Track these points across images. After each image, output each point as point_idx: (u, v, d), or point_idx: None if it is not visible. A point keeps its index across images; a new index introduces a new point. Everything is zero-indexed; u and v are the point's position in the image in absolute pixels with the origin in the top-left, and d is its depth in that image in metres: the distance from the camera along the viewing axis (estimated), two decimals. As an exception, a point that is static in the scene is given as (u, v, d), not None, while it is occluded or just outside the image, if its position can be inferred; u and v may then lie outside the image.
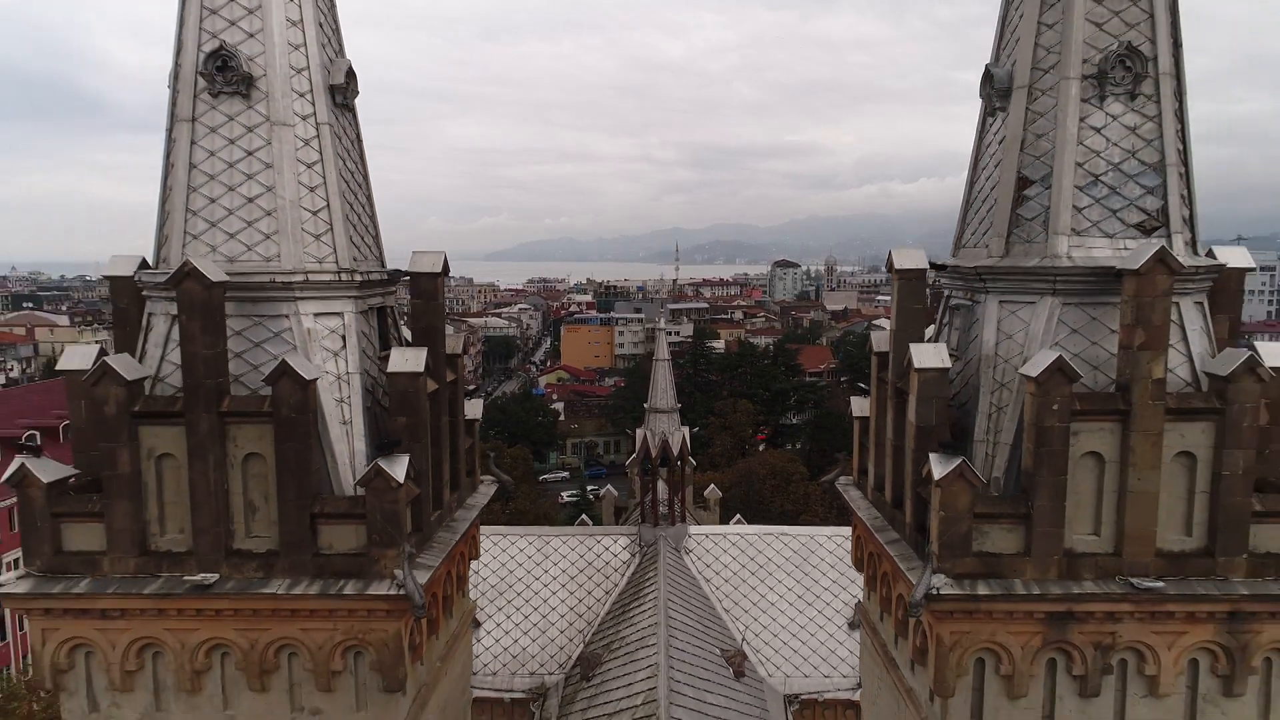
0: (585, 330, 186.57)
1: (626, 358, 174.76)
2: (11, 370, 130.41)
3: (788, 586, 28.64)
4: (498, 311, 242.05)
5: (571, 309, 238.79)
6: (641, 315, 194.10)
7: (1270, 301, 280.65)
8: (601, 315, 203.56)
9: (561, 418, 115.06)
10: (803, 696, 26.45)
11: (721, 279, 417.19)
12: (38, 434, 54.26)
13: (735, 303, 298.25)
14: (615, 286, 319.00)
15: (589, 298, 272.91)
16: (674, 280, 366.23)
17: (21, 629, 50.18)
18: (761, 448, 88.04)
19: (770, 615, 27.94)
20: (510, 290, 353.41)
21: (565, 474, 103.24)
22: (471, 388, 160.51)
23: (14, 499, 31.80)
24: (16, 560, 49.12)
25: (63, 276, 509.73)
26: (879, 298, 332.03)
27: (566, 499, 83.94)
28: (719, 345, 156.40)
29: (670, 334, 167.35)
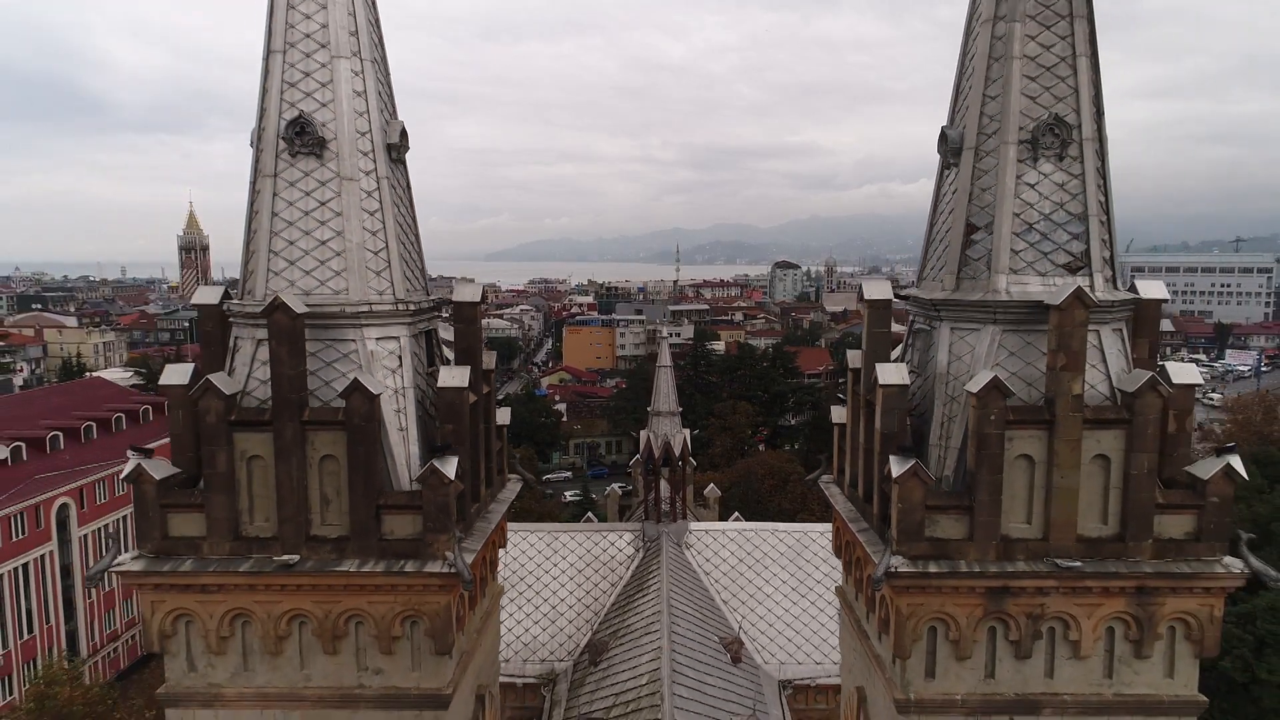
0: (587, 331, 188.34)
1: (628, 359, 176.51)
2: (21, 371, 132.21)
3: (782, 579, 30.60)
4: (499, 312, 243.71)
5: (573, 310, 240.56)
6: (643, 317, 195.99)
7: (1267, 303, 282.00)
8: (603, 317, 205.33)
9: (564, 418, 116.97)
10: (796, 681, 28.42)
11: (722, 280, 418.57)
12: (60, 434, 56.29)
13: (735, 304, 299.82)
14: (616, 288, 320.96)
15: (590, 299, 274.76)
16: (675, 281, 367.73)
17: (48, 622, 52.15)
18: (761, 448, 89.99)
19: (766, 606, 29.89)
20: (511, 291, 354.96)
21: (568, 474, 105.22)
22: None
23: (14, 507, 33.99)
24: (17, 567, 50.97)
25: (65, 277, 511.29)
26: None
27: (569, 498, 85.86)
28: (719, 346, 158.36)
29: (671, 335, 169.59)
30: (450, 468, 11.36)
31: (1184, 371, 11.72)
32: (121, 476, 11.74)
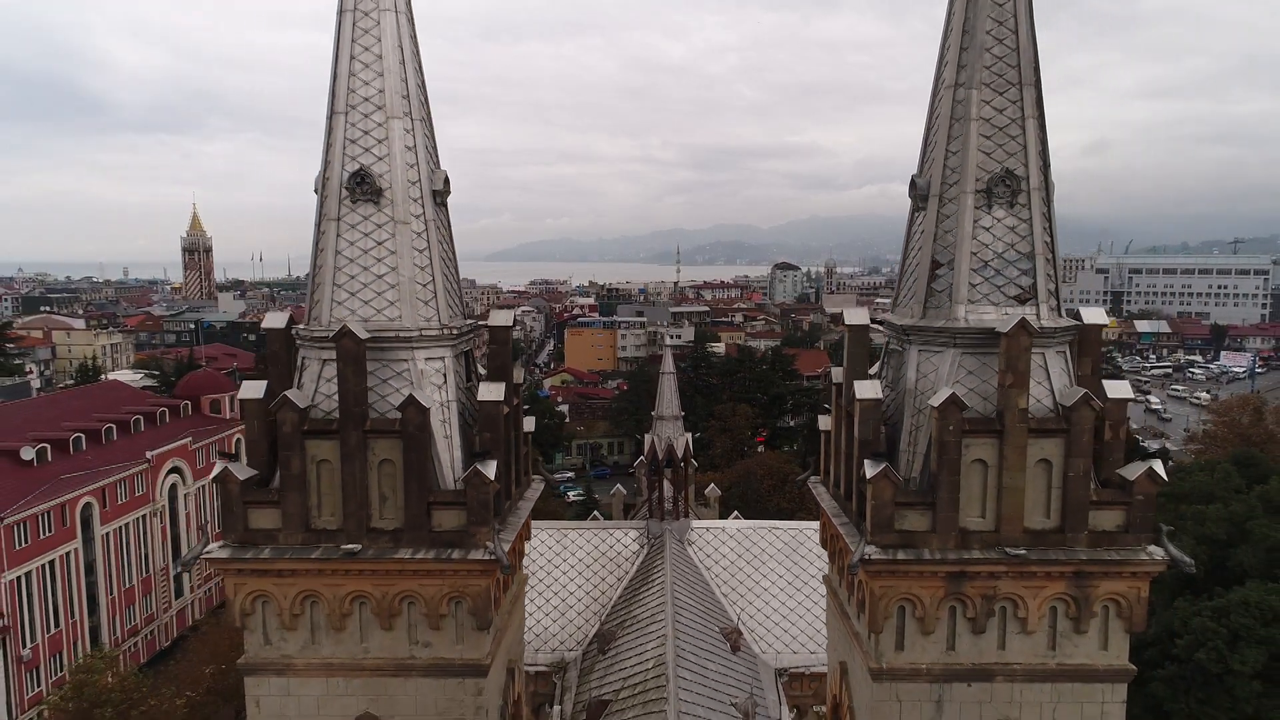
0: (588, 333, 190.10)
1: (629, 360, 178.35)
2: (31, 373, 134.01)
3: (779, 574, 32.53)
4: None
5: (574, 312, 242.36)
6: (644, 319, 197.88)
7: (1264, 305, 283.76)
8: (604, 319, 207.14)
9: (567, 419, 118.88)
10: (791, 670, 30.36)
11: (722, 281, 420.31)
12: (82, 436, 58.24)
13: (736, 305, 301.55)
14: (617, 289, 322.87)
15: (591, 300, 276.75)
16: (675, 283, 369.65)
17: (72, 617, 54.12)
18: (760, 449, 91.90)
19: (763, 599, 31.82)
20: (513, 292, 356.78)
21: (570, 474, 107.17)
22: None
23: (41, 506, 36.46)
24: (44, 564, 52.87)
25: (68, 278, 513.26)
26: (877, 300, 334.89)
27: (573, 498, 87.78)
28: (719, 348, 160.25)
29: (672, 337, 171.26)
30: (490, 470, 13.35)
31: (1118, 388, 13.71)
32: (210, 477, 13.67)
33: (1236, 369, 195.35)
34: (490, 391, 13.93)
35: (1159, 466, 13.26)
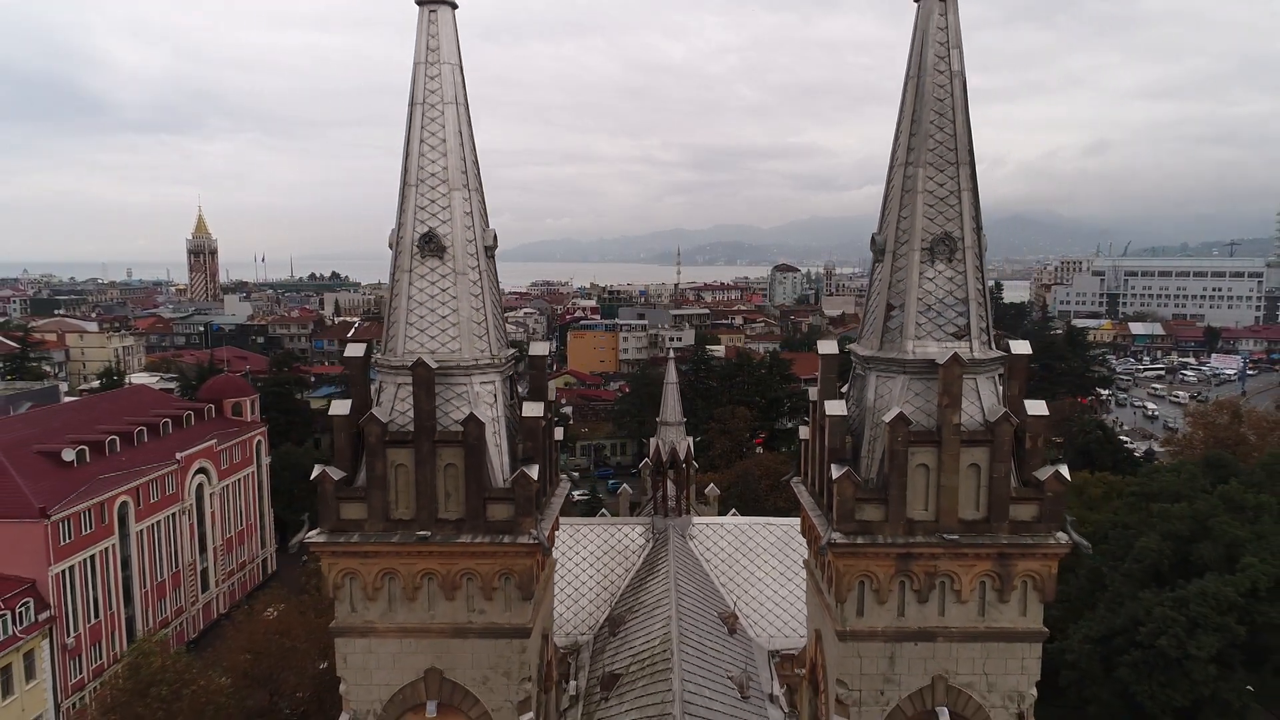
0: (590, 336, 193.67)
1: (630, 363, 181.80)
2: (54, 376, 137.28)
3: (772, 565, 35.94)
4: (505, 316, 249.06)
5: (576, 314, 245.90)
6: (645, 322, 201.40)
7: (1258, 307, 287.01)
8: (606, 321, 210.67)
9: (570, 421, 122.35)
10: (783, 651, 33.75)
11: (722, 283, 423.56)
12: (117, 438, 61.69)
13: (735, 307, 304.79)
14: (618, 291, 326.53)
15: (593, 303, 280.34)
16: (676, 285, 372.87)
17: (110, 609, 57.52)
18: (759, 450, 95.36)
19: (758, 588, 35.24)
20: (515, 293, 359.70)
21: (575, 474, 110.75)
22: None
23: (82, 505, 40.77)
24: (86, 559, 56.18)
25: (73, 279, 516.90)
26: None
27: (578, 497, 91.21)
28: (719, 350, 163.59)
29: (673, 340, 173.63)
30: (533, 472, 16.80)
31: (1036, 406, 17.13)
32: (311, 478, 17.07)
33: (1228, 371, 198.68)
34: (533, 409, 17.40)
35: (1064, 470, 16.68)
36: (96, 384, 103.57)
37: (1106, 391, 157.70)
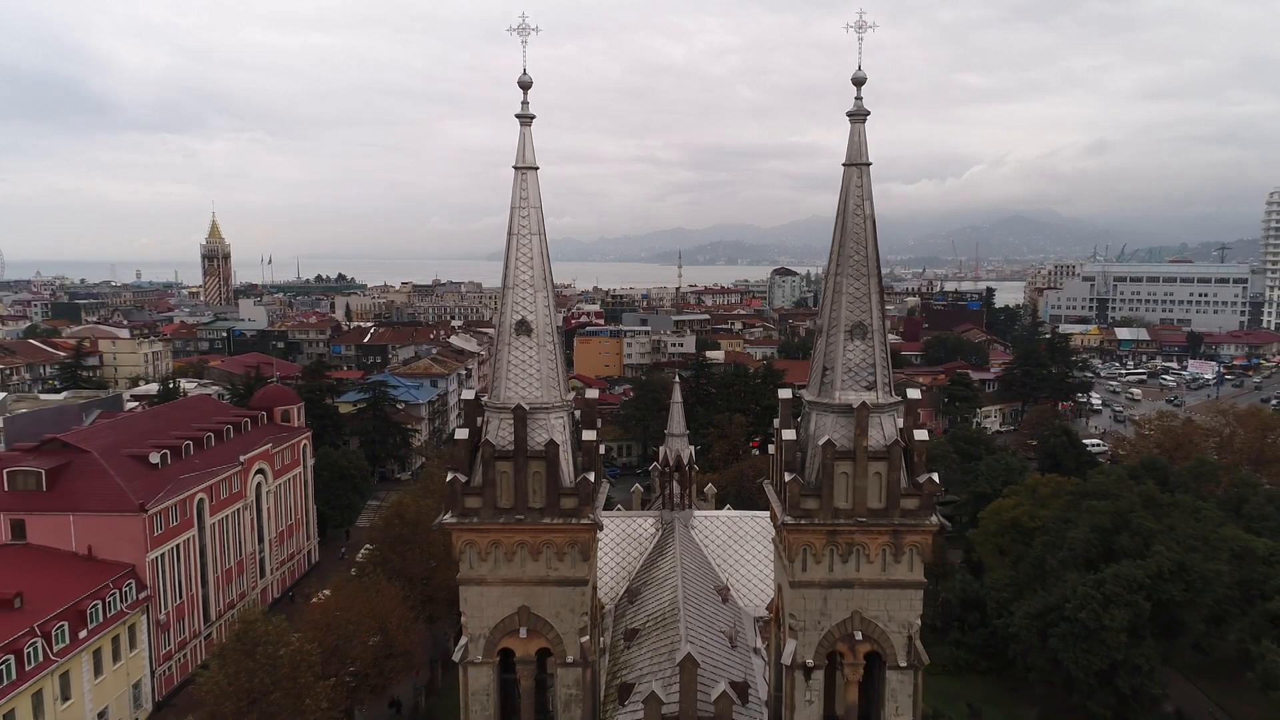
0: (596, 342, 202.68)
1: (634, 367, 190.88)
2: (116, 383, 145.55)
3: (758, 550, 44.88)
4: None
5: (581, 319, 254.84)
6: (648, 328, 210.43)
7: (1242, 312, 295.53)
8: (611, 328, 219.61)
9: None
10: (766, 618, 42.53)
11: (722, 286, 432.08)
12: (191, 443, 70.69)
13: (735, 311, 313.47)
14: (622, 296, 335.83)
15: (597, 307, 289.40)
16: (677, 288, 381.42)
17: (190, 591, 66.49)
18: (755, 453, 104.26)
19: (746, 568, 44.21)
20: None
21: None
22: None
23: (170, 501, 52.02)
24: (173, 547, 64.96)
25: (84, 280, 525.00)
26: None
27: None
28: (719, 356, 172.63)
29: (675, 345, 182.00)
30: (590, 477, 25.84)
31: (920, 433, 26.13)
32: (446, 480, 26.03)
33: (1207, 376, 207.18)
34: (588, 435, 26.51)
35: (935, 476, 25.70)
36: (154, 389, 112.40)
37: (1084, 397, 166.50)
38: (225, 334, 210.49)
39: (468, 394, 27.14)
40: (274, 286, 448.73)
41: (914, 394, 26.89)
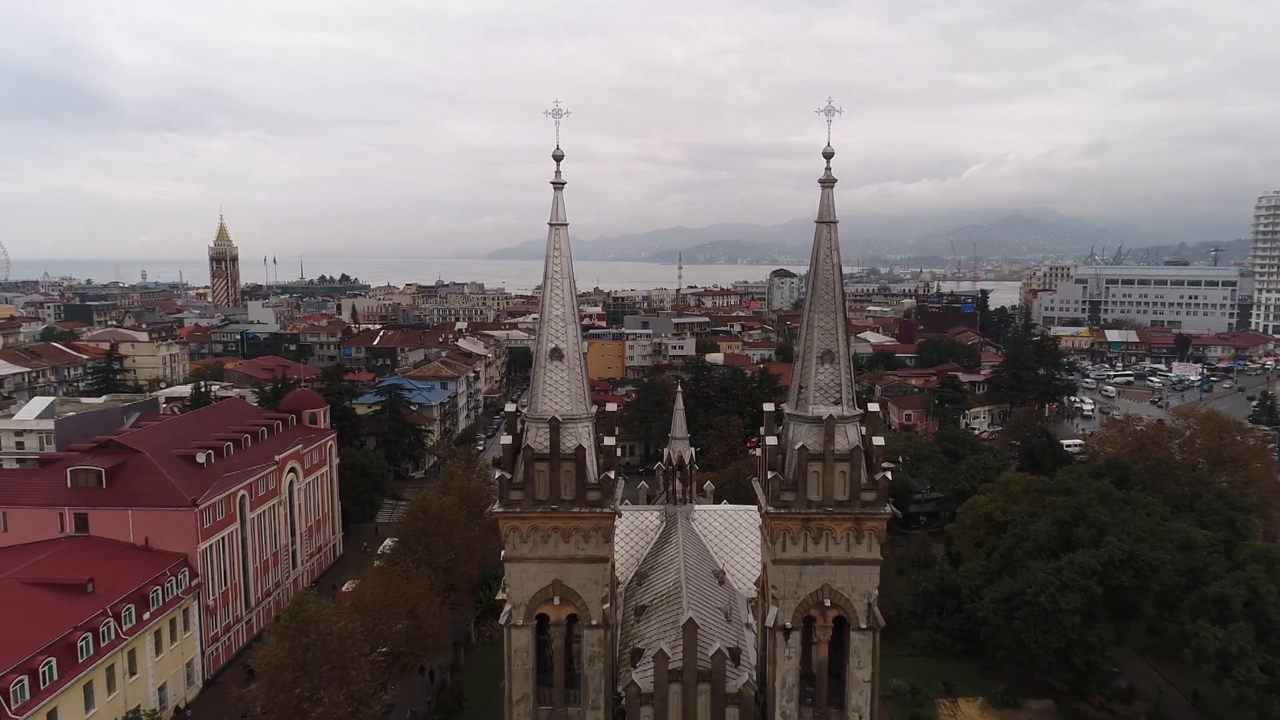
0: (598, 344, 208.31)
1: (636, 369, 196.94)
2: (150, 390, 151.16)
3: (750, 540, 51.00)
4: (514, 323, 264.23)
5: (583, 321, 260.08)
6: (649, 331, 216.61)
7: (1231, 314, 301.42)
8: (613, 330, 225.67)
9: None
10: (756, 598, 48.61)
11: (721, 288, 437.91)
12: (231, 444, 76.88)
13: (734, 313, 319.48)
14: (623, 298, 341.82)
15: (599, 309, 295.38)
16: (677, 290, 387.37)
17: (234, 580, 72.74)
18: (752, 453, 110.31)
19: (740, 555, 50.35)
20: (521, 297, 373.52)
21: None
22: (497, 396, 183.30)
23: (216, 497, 59.19)
24: (219, 540, 71.14)
25: (89, 280, 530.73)
26: (869, 308, 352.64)
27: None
28: (718, 358, 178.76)
29: (675, 348, 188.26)
30: (613, 473, 32.06)
31: (878, 439, 32.34)
32: (494, 479, 32.20)
33: (1193, 378, 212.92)
34: (608, 440, 32.73)
35: (889, 474, 31.89)
36: (186, 391, 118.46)
37: (1075, 399, 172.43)
38: (239, 337, 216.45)
39: (510, 408, 33.31)
40: (279, 287, 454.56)
41: (873, 408, 33.14)
